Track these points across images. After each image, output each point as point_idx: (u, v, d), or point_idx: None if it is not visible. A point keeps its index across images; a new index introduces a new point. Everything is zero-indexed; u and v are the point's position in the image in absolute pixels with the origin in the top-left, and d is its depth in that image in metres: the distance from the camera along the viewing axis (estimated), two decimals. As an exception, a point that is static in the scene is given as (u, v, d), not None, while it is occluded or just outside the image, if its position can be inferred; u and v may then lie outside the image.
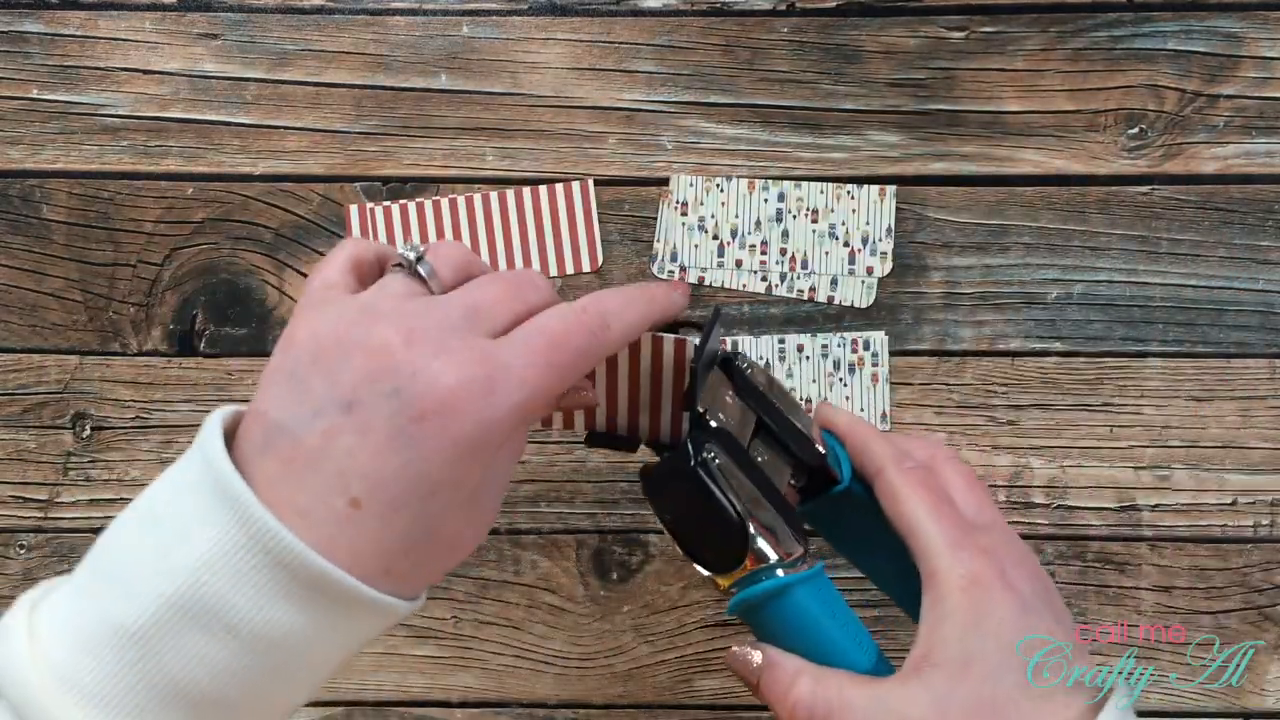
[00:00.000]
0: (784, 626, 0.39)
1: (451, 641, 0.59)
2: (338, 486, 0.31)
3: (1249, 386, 0.58)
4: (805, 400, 0.58)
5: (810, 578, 0.39)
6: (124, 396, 0.59)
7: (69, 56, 0.60)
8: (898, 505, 0.40)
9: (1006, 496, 0.58)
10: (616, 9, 0.59)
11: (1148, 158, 0.59)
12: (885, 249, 0.59)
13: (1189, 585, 0.58)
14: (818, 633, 0.39)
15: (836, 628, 0.39)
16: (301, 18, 0.59)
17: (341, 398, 0.32)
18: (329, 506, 0.31)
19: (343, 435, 0.31)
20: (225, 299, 0.59)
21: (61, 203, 0.59)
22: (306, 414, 0.32)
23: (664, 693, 0.58)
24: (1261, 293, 0.58)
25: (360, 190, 0.59)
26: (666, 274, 0.59)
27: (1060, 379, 0.58)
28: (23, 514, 0.59)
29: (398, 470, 0.31)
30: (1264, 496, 0.58)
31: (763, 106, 0.59)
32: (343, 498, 0.31)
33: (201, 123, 0.60)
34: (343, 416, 0.31)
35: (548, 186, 0.59)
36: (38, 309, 0.59)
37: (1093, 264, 0.59)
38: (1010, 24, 0.59)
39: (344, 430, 0.31)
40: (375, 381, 0.31)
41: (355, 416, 0.31)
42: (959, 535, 0.38)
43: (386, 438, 0.31)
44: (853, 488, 0.43)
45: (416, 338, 0.32)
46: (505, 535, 0.59)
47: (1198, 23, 0.59)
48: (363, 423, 0.31)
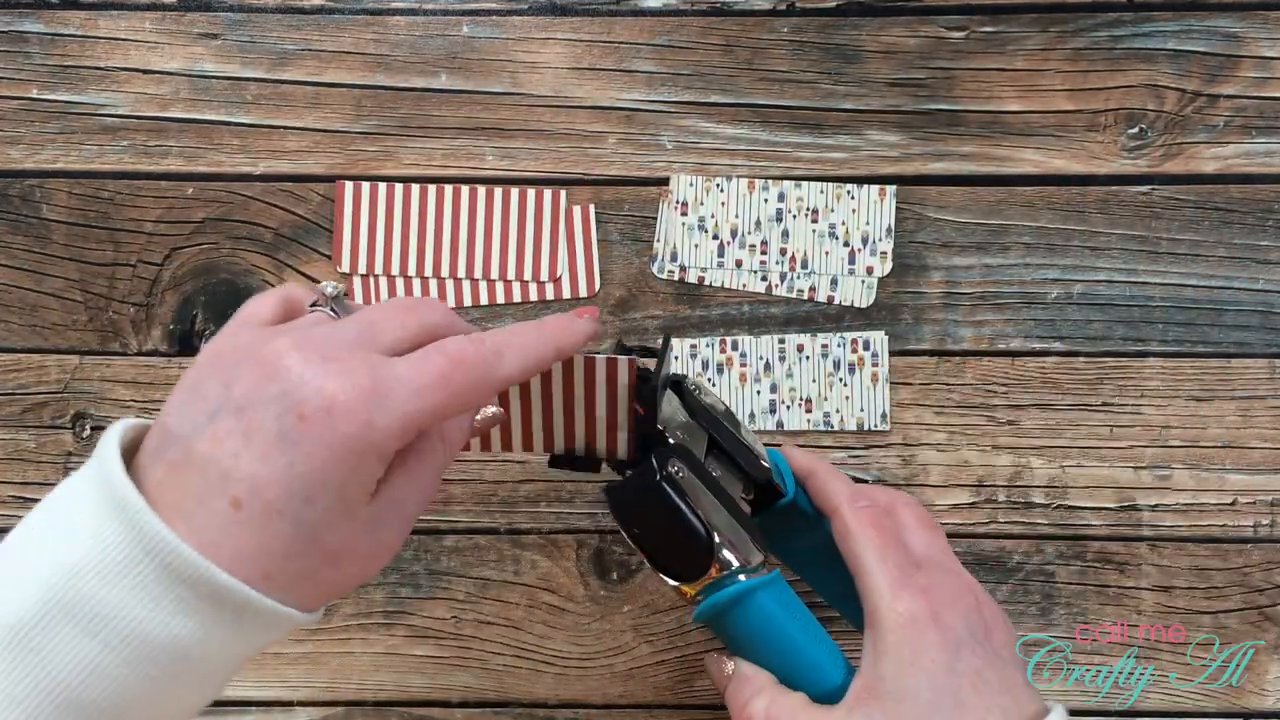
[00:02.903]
0: (748, 630, 0.41)
1: (451, 641, 0.59)
2: (220, 488, 0.31)
3: (1249, 386, 0.58)
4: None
5: (770, 582, 0.41)
6: (124, 396, 0.59)
7: (69, 56, 0.60)
8: (848, 543, 0.42)
9: (1007, 496, 0.58)
10: (616, 9, 0.59)
11: (1148, 158, 0.59)
12: (885, 249, 0.59)
13: (1189, 585, 0.58)
14: (780, 634, 0.41)
15: (798, 629, 0.41)
16: (301, 18, 0.59)
17: (232, 402, 0.32)
18: (211, 508, 0.31)
19: (230, 438, 0.32)
20: (225, 299, 0.59)
21: (61, 203, 0.59)
22: (200, 419, 0.32)
23: (664, 693, 0.58)
24: (1261, 293, 0.58)
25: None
26: (666, 274, 0.59)
27: (1060, 379, 0.58)
28: (23, 514, 0.59)
29: (278, 472, 0.31)
30: (1264, 496, 0.58)
31: (763, 106, 0.59)
32: (224, 499, 0.31)
33: (201, 123, 0.60)
34: (232, 420, 0.32)
35: (551, 191, 0.59)
36: (38, 309, 0.59)
37: (1093, 264, 0.59)
38: (1010, 24, 0.59)
39: (232, 433, 0.32)
40: (263, 386, 0.32)
41: (242, 419, 0.32)
42: (900, 575, 0.40)
43: (270, 440, 0.31)
44: (797, 501, 0.46)
45: (308, 347, 0.33)
46: (505, 535, 0.59)
47: (1198, 23, 0.59)
48: (249, 425, 0.32)
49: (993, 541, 0.58)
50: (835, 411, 0.58)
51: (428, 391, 0.33)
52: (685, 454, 0.42)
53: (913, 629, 0.39)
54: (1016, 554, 0.58)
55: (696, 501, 0.41)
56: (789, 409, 0.58)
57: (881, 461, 0.58)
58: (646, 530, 0.42)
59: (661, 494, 0.41)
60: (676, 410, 0.44)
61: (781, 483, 0.46)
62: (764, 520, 0.47)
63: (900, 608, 0.39)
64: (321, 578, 0.34)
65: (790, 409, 0.58)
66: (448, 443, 0.37)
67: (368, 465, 0.33)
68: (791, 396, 0.58)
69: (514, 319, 0.59)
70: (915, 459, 0.58)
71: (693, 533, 0.40)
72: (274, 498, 0.31)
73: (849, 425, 0.58)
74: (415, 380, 0.33)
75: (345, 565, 0.34)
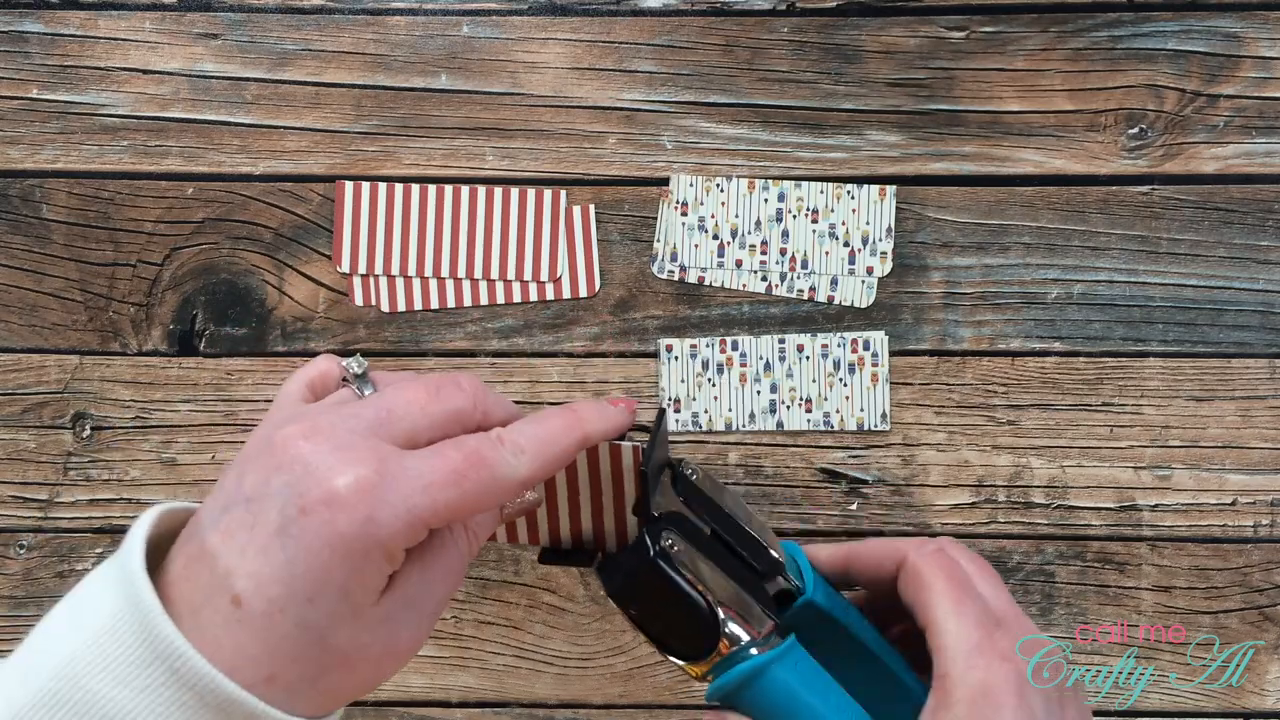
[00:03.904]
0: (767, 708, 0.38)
1: (451, 641, 0.59)
2: (223, 584, 0.30)
3: (1249, 386, 0.58)
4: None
5: (786, 653, 0.38)
6: (124, 396, 0.59)
7: (69, 56, 0.60)
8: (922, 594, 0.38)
9: (1006, 496, 0.58)
10: (616, 9, 0.59)
11: (1148, 158, 0.59)
12: (885, 249, 0.59)
13: (1189, 585, 0.58)
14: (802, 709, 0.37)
15: (821, 702, 0.37)
16: (301, 18, 0.59)
17: (242, 493, 0.31)
18: (214, 605, 0.30)
19: (239, 532, 0.30)
20: (225, 299, 0.59)
21: (61, 203, 0.59)
22: (216, 511, 0.31)
23: (664, 693, 0.58)
24: (1261, 293, 0.58)
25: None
26: (666, 274, 0.59)
27: (1060, 379, 0.58)
28: (23, 514, 0.59)
29: (279, 569, 0.30)
30: (1264, 496, 0.58)
31: (763, 106, 0.59)
32: (226, 596, 0.30)
33: (201, 123, 0.60)
34: (241, 511, 0.31)
35: (551, 191, 0.59)
36: (38, 309, 0.59)
37: (1093, 264, 0.59)
38: (1010, 24, 0.59)
39: (241, 525, 0.30)
40: (270, 477, 0.31)
41: (251, 511, 0.30)
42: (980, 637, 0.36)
43: (272, 533, 0.30)
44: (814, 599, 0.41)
45: (318, 436, 0.31)
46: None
47: (1198, 23, 0.59)
48: (255, 518, 0.30)
49: (993, 541, 0.58)
50: (835, 411, 0.58)
51: (437, 489, 0.31)
52: (681, 523, 0.39)
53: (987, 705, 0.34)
54: (1016, 554, 0.58)
55: (696, 574, 0.37)
56: (789, 409, 0.58)
57: (881, 461, 0.58)
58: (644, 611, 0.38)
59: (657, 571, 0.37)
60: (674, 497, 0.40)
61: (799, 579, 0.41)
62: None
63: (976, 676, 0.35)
64: (332, 681, 0.31)
65: (790, 409, 0.58)
66: (472, 536, 0.35)
67: (372, 564, 0.31)
68: (791, 396, 0.58)
69: (514, 319, 0.59)
70: (915, 459, 0.58)
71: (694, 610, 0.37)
72: (275, 596, 0.30)
73: (849, 425, 0.58)
74: (425, 477, 0.31)
75: (358, 668, 0.32)
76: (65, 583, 0.59)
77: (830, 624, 0.41)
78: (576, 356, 0.59)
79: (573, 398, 0.59)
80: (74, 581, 0.59)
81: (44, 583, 0.59)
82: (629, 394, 0.59)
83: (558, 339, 0.59)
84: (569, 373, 0.59)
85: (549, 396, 0.59)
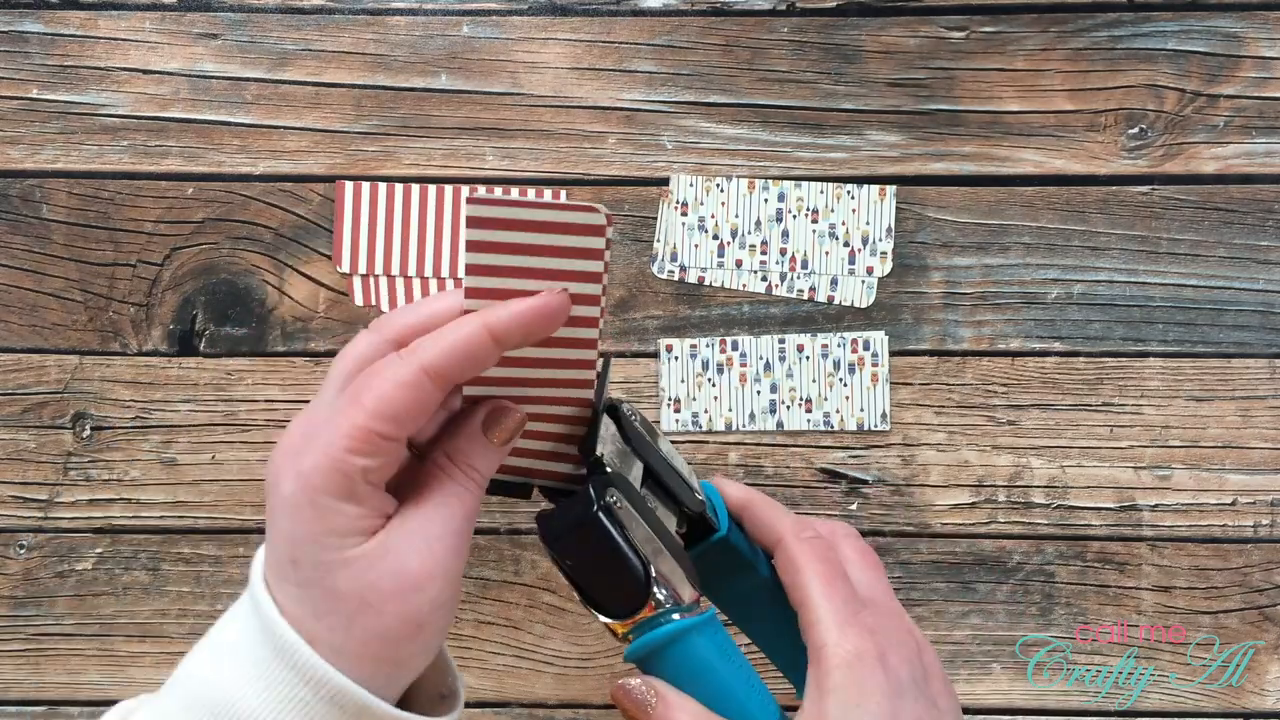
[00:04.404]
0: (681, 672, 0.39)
1: (451, 641, 0.59)
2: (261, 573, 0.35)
3: (1249, 386, 0.58)
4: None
5: (706, 622, 0.39)
6: (124, 396, 0.59)
7: (69, 56, 0.60)
8: (794, 576, 0.41)
9: (1007, 496, 0.58)
10: (616, 9, 0.59)
11: (1148, 158, 0.59)
12: (885, 249, 0.59)
13: (1189, 585, 0.58)
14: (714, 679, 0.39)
15: (732, 673, 0.39)
16: (301, 18, 0.59)
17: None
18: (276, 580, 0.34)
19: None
20: (225, 299, 0.59)
21: (61, 203, 0.59)
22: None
23: (664, 693, 0.58)
24: (1261, 293, 0.58)
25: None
26: (666, 274, 0.59)
27: (1060, 379, 0.58)
28: (23, 514, 0.59)
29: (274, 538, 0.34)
30: (1264, 496, 0.58)
31: (763, 106, 0.59)
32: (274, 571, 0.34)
33: (201, 123, 0.60)
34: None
35: (551, 191, 0.59)
36: (38, 309, 0.59)
37: (1093, 264, 0.59)
38: (1010, 24, 0.59)
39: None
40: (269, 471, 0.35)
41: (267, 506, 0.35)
42: (848, 613, 0.39)
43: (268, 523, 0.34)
44: (730, 538, 0.43)
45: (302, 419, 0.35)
46: (505, 535, 0.59)
47: (1198, 23, 0.59)
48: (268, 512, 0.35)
49: (993, 541, 0.58)
50: (835, 411, 0.58)
51: (343, 419, 0.33)
52: (623, 483, 0.40)
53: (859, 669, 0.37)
54: (1016, 554, 0.58)
55: (633, 534, 0.39)
56: (789, 409, 0.58)
57: (881, 461, 0.58)
58: (579, 563, 0.39)
59: (597, 526, 0.38)
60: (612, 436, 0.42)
61: (715, 517, 0.44)
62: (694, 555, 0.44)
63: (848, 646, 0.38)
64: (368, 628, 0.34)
65: (790, 409, 0.58)
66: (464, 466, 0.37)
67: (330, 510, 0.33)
68: (791, 396, 0.58)
69: (514, 319, 0.59)
70: (915, 459, 0.58)
71: (629, 568, 0.38)
72: (276, 561, 0.34)
73: (849, 425, 0.58)
74: (338, 415, 0.34)
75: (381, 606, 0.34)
76: (65, 582, 0.59)
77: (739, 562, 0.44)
78: (576, 356, 0.59)
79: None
80: (74, 581, 0.59)
81: (44, 583, 0.59)
82: (629, 394, 0.59)
83: (558, 339, 0.59)
84: (569, 373, 0.59)
85: (549, 396, 0.59)
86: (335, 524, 0.33)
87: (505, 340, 0.35)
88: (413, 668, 0.35)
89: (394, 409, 0.34)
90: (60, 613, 0.59)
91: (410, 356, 0.34)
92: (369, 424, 0.33)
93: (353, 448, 0.33)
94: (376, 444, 0.33)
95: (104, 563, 0.59)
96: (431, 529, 0.35)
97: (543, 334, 0.36)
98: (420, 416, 0.34)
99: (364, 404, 0.33)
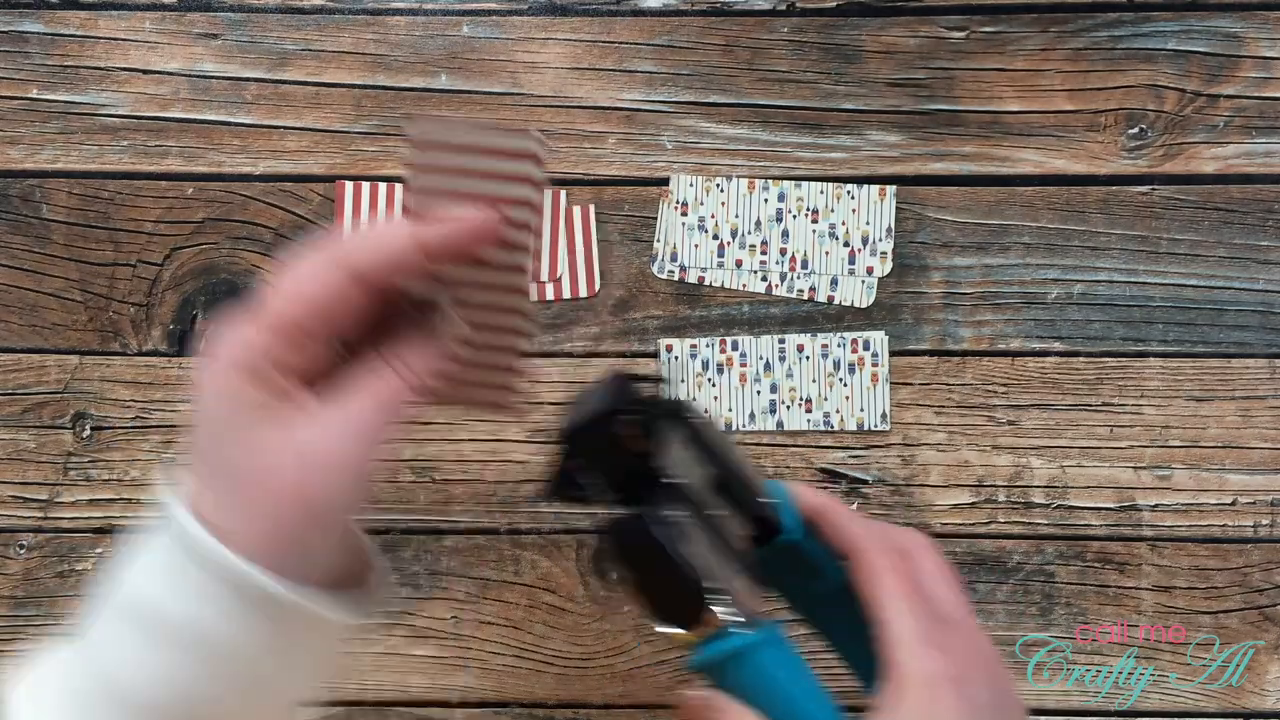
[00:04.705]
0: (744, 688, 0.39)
1: (451, 641, 0.59)
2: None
3: (1249, 386, 0.58)
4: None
5: (770, 640, 0.39)
6: (124, 396, 0.59)
7: (69, 56, 0.60)
8: (872, 590, 0.40)
9: (1007, 496, 0.58)
10: (616, 9, 0.59)
11: (1148, 158, 0.59)
12: (885, 249, 0.59)
13: (1189, 585, 0.58)
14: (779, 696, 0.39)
15: (798, 691, 0.39)
16: (301, 18, 0.59)
17: None
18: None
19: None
20: (225, 299, 0.59)
21: (61, 203, 0.59)
22: None
23: (664, 693, 0.58)
24: (1261, 293, 0.58)
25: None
26: (666, 274, 0.59)
27: (1060, 379, 0.58)
28: (23, 514, 0.59)
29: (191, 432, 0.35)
30: (1264, 496, 0.58)
31: (763, 106, 0.59)
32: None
33: (201, 123, 0.60)
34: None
35: (551, 191, 0.59)
36: (38, 309, 0.59)
37: (1093, 264, 0.59)
38: (1010, 24, 0.59)
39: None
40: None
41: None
42: (926, 631, 0.38)
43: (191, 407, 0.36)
44: (801, 544, 0.43)
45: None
46: (505, 535, 0.59)
47: (1198, 23, 0.59)
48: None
49: (993, 541, 0.58)
50: (835, 411, 0.58)
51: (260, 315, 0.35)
52: (684, 495, 0.40)
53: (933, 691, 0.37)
54: (1016, 554, 0.58)
55: (695, 549, 0.39)
56: (789, 409, 0.58)
57: (881, 461, 0.58)
58: (641, 577, 0.40)
59: (656, 541, 0.39)
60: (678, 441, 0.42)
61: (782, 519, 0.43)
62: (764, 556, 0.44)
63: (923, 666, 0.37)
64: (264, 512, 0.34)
65: (790, 409, 0.58)
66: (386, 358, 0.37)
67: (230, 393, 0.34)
68: (791, 396, 0.58)
69: (514, 319, 0.59)
70: (915, 459, 0.58)
71: (686, 583, 0.39)
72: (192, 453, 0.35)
73: (849, 425, 0.58)
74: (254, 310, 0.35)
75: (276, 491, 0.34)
76: (65, 582, 0.59)
77: (811, 565, 0.43)
78: (576, 356, 0.59)
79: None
80: (74, 581, 0.59)
81: (44, 583, 0.59)
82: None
83: (558, 339, 0.59)
84: (569, 373, 0.59)
85: (549, 396, 0.59)
86: (241, 408, 0.34)
87: (431, 251, 0.36)
88: (316, 551, 0.36)
89: (306, 298, 0.35)
90: (60, 613, 0.59)
91: (329, 253, 0.35)
92: (281, 308, 0.34)
93: (263, 332, 0.34)
94: (288, 332, 0.34)
95: (104, 563, 0.59)
96: (342, 415, 0.36)
97: (471, 252, 0.36)
98: (337, 312, 0.35)
99: (280, 291, 0.35)
